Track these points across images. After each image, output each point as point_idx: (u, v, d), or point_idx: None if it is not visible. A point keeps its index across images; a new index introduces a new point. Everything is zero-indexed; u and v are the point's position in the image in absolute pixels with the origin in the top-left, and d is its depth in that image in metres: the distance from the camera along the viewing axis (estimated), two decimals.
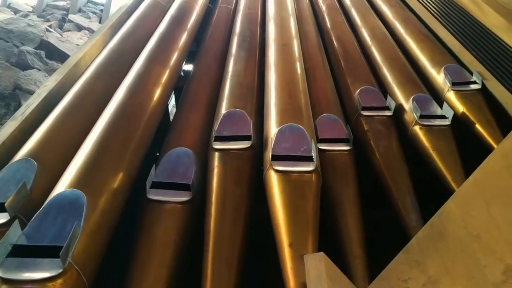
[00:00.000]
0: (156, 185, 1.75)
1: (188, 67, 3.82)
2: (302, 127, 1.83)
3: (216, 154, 1.83)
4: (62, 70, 2.48)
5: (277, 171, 1.63)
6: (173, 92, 3.55)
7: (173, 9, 3.31)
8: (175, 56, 2.71)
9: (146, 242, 1.54)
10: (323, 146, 1.99)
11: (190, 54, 3.34)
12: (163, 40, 2.77)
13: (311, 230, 1.43)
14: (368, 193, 1.92)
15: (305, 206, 1.50)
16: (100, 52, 2.66)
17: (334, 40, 3.08)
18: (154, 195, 1.71)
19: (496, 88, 2.07)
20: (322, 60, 2.87)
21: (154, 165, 1.85)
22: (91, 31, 8.44)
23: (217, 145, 1.86)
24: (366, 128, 2.11)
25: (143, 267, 1.46)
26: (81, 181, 1.55)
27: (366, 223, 1.74)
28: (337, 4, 3.72)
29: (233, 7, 3.85)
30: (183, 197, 1.70)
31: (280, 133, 1.82)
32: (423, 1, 3.77)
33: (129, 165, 1.81)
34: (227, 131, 1.94)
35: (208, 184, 1.73)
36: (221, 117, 2.03)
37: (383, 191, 1.88)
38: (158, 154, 2.07)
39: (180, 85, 2.77)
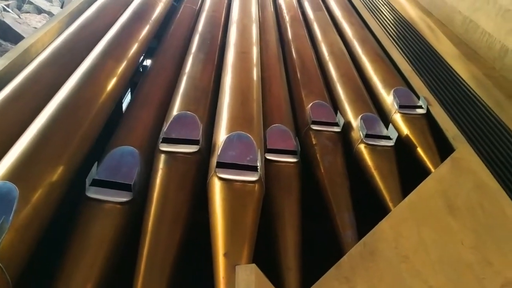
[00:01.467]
0: (97, 183, 1.71)
1: (148, 63, 3.77)
2: (251, 136, 1.84)
3: (162, 156, 1.81)
4: (10, 55, 2.38)
5: (220, 178, 1.63)
6: (129, 88, 3.51)
7: (136, 3, 3.25)
8: (132, 52, 2.66)
9: (80, 241, 1.50)
10: (270, 156, 2.00)
11: (151, 50, 3.30)
12: (121, 34, 2.71)
13: (247, 241, 1.44)
14: (311, 205, 1.96)
15: (244, 216, 1.51)
16: (53, 40, 2.58)
17: (293, 52, 3.12)
18: (93, 193, 1.67)
19: (440, 115, 2.17)
20: (280, 71, 2.90)
21: (96, 162, 1.80)
22: (51, 15, 8.16)
23: (164, 147, 1.83)
24: (314, 142, 2.15)
25: (73, 266, 1.42)
26: (15, 174, 1.49)
27: (305, 235, 1.77)
28: (301, 16, 3.78)
29: (197, 7, 3.83)
30: (123, 197, 1.67)
31: (228, 140, 1.82)
32: (382, 23, 3.89)
33: (71, 159, 1.75)
34: (176, 133, 1.92)
35: (151, 186, 1.70)
36: (171, 118, 2.01)
37: (324, 205, 1.91)
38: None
39: (137, 81, 2.73)
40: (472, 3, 3.53)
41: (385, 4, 4.50)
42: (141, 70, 3.91)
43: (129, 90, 3.58)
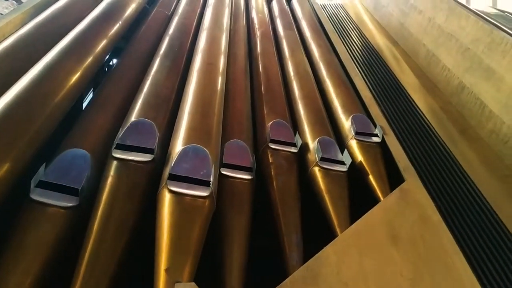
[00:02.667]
0: (43, 185, 1.66)
1: (115, 63, 3.71)
2: (207, 150, 1.83)
3: (114, 162, 1.77)
4: None
5: (171, 191, 1.61)
6: (92, 88, 3.44)
7: (106, 2, 3.20)
8: (96, 51, 2.61)
9: (17, 246, 1.44)
10: (225, 171, 2.00)
11: (118, 50, 3.25)
12: (87, 32, 2.66)
13: (191, 257, 1.43)
14: (262, 223, 1.96)
15: (190, 232, 1.49)
16: (14, 32, 2.50)
17: (260, 68, 3.14)
18: (37, 195, 1.61)
19: (393, 144, 2.22)
20: (245, 85, 2.91)
21: (45, 163, 1.75)
22: (19, 2, 7.90)
23: (117, 154, 1.80)
24: (270, 161, 2.17)
25: (6, 273, 1.36)
26: None
27: (255, 251, 1.76)
28: (271, 33, 3.82)
29: (170, 13, 3.81)
30: (69, 202, 1.63)
31: (183, 153, 1.80)
32: (350, 48, 3.99)
33: (18, 157, 1.70)
34: (131, 140, 1.88)
35: (99, 192, 1.66)
36: (128, 124, 1.97)
37: (273, 224, 1.92)
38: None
39: (101, 80, 2.68)
40: (436, 38, 3.67)
41: (355, 29, 4.62)
42: (106, 70, 3.84)
43: (92, 89, 3.51)
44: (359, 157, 2.18)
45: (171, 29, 3.26)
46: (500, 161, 2.67)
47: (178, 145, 1.87)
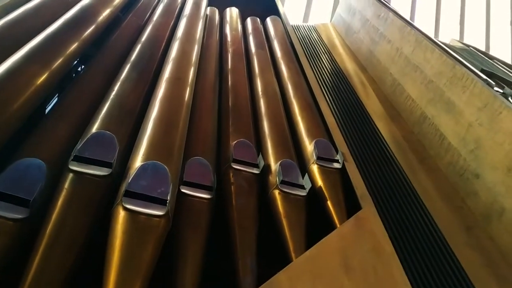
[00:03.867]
0: None
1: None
2: (167, 168, 1.81)
3: (70, 175, 1.73)
4: None
5: (125, 208, 1.58)
6: (57, 93, 3.35)
7: (77, 8, 3.15)
8: (61, 59, 2.55)
9: None
10: (185, 189, 1.98)
11: (87, 57, 3.19)
12: (54, 38, 2.60)
13: (141, 279, 1.40)
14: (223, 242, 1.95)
15: (142, 253, 1.47)
16: None
17: (229, 86, 3.15)
18: None
19: (353, 172, 2.26)
20: (213, 102, 2.91)
21: None
22: None
23: (74, 166, 1.76)
24: (231, 181, 2.16)
25: None
26: None
27: (210, 271, 1.75)
28: (243, 51, 3.85)
29: (143, 23, 3.78)
30: (19, 214, 1.57)
31: (142, 169, 1.78)
32: (319, 70, 4.06)
33: None
34: (90, 152, 1.84)
35: (51, 205, 1.62)
36: (88, 136, 1.93)
37: (229, 246, 1.91)
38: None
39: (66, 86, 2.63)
40: (402, 68, 3.78)
41: (326, 52, 4.71)
42: (73, 75, 3.77)
43: (57, 94, 3.43)
44: (319, 182, 2.21)
45: (142, 40, 3.23)
46: (455, 193, 2.75)
47: (138, 161, 1.84)
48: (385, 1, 5.22)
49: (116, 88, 2.46)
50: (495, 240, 2.40)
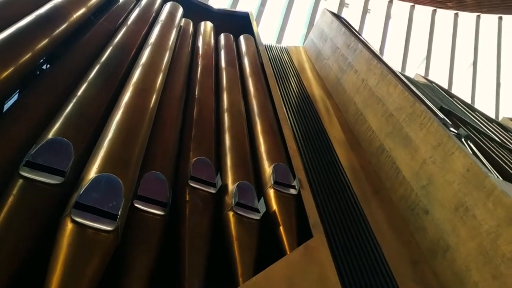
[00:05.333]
0: None
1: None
2: (121, 182, 1.79)
3: (20, 181, 1.68)
4: None
5: (73, 220, 1.55)
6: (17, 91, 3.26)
7: (49, 5, 3.08)
8: (29, 55, 2.49)
9: None
10: (138, 204, 1.95)
11: (54, 57, 3.11)
12: (17, 36, 2.53)
13: None
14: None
15: (86, 268, 1.44)
16: None
17: (196, 101, 3.15)
18: None
19: (308, 199, 2.29)
20: (177, 117, 2.90)
21: None
22: None
23: (25, 172, 1.71)
24: (187, 198, 2.15)
25: None
26: None
27: None
28: (213, 67, 3.86)
29: (114, 28, 3.74)
30: None
31: (95, 181, 1.75)
32: (286, 93, 4.12)
33: None
34: (43, 159, 1.80)
35: None
36: (43, 141, 1.89)
37: (178, 265, 1.89)
38: None
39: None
40: (365, 99, 3.89)
41: (295, 75, 4.79)
42: (38, 73, 3.68)
43: (18, 91, 3.34)
44: (274, 206, 2.23)
45: (112, 46, 3.20)
46: (405, 226, 2.83)
47: (92, 172, 1.81)
48: (356, 32, 5.38)
49: (79, 93, 2.42)
50: (439, 276, 2.48)
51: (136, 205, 1.94)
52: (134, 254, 1.77)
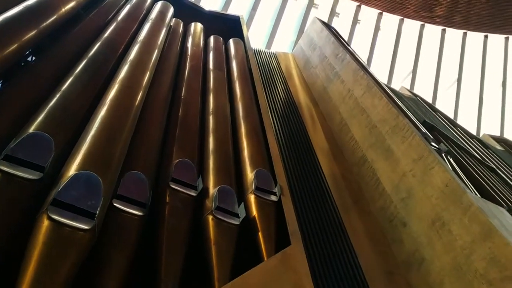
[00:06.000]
0: None
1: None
2: (101, 180, 1.77)
3: None
4: None
5: (50, 218, 1.53)
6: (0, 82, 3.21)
7: (34, 0, 3.04)
8: (16, 45, 2.47)
9: None
10: (117, 204, 1.93)
11: (40, 50, 3.07)
12: (4, 26, 2.50)
13: None
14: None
15: (60, 266, 1.43)
16: None
17: (181, 101, 3.14)
18: None
19: (288, 207, 2.30)
20: (162, 116, 2.89)
21: None
22: None
23: (3, 166, 1.67)
24: (167, 200, 2.14)
25: None
26: None
27: None
28: (201, 69, 3.86)
29: (103, 24, 3.70)
30: None
31: (75, 178, 1.73)
32: (272, 98, 4.13)
33: None
34: (23, 153, 1.77)
35: None
36: (23, 135, 1.86)
37: (154, 267, 1.88)
38: None
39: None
40: (351, 109, 3.93)
41: (282, 82, 4.82)
42: (22, 64, 3.62)
43: (1, 81, 3.29)
44: (254, 212, 2.24)
45: (100, 42, 3.17)
46: (383, 237, 2.86)
47: (72, 169, 1.79)
48: (345, 42, 5.43)
49: (63, 88, 2.39)
50: None
51: (115, 204, 1.92)
52: (111, 254, 1.75)
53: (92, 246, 1.61)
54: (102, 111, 2.30)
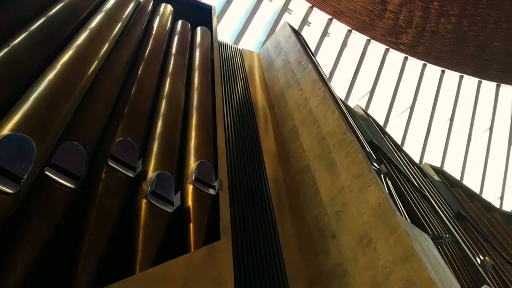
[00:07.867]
0: None
1: None
2: (35, 145, 1.70)
3: None
4: None
5: None
6: None
7: None
8: None
9: None
10: (49, 172, 1.86)
11: None
12: None
13: None
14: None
15: None
16: None
17: (136, 80, 3.07)
18: None
19: (224, 202, 2.30)
20: (114, 91, 2.81)
21: None
22: None
23: None
24: (102, 177, 2.09)
25: None
26: None
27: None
28: (163, 51, 3.80)
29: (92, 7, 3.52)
30: None
31: (6, 139, 1.65)
32: (229, 95, 4.13)
33: None
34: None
35: None
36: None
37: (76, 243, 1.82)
38: None
39: None
40: (303, 117, 3.99)
41: (243, 79, 4.82)
42: None
43: None
44: (189, 202, 2.22)
45: (61, 4, 3.04)
46: (312, 247, 2.93)
47: (6, 129, 1.71)
48: (311, 52, 5.51)
49: (13, 43, 2.27)
50: None
51: (46, 172, 1.85)
52: (34, 223, 1.68)
53: (13, 212, 1.55)
54: (51, 75, 2.21)
